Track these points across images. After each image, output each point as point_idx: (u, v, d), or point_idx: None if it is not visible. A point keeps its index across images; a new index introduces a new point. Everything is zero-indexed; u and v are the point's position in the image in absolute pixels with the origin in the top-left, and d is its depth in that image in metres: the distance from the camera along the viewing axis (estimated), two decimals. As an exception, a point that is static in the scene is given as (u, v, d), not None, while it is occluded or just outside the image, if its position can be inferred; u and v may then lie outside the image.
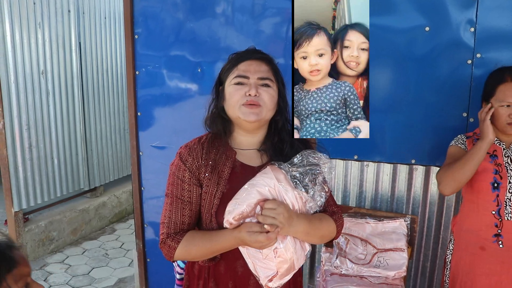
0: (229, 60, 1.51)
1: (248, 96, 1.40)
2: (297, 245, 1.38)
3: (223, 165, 1.46)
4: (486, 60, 2.26)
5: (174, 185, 1.48)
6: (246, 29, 2.63)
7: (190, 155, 1.48)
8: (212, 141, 1.50)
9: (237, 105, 1.41)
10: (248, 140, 1.51)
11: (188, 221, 1.46)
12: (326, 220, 1.48)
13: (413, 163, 2.49)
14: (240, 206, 1.32)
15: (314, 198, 1.40)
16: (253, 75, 1.42)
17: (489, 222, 1.96)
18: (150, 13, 2.81)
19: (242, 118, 1.41)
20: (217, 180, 1.43)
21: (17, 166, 4.15)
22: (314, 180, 1.39)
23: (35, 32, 4.19)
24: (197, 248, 1.41)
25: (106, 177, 5.34)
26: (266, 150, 1.50)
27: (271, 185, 1.34)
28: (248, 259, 1.39)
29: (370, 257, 2.29)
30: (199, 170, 1.45)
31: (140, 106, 2.93)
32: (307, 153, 1.42)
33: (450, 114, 2.36)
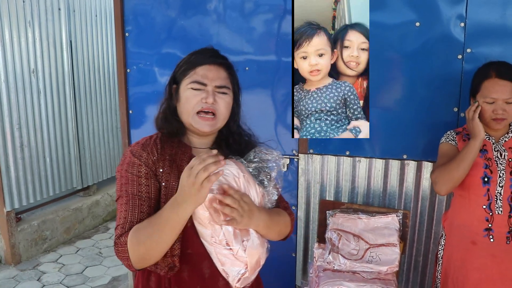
0: (186, 60, 1.44)
1: (205, 103, 1.36)
2: (260, 239, 1.37)
3: (181, 159, 1.40)
4: (476, 55, 2.27)
5: (129, 183, 1.34)
6: (238, 26, 2.63)
7: (144, 150, 1.37)
8: (164, 139, 1.44)
9: (192, 112, 1.37)
10: (201, 141, 1.47)
11: (147, 218, 1.30)
12: (282, 214, 1.48)
13: (405, 158, 2.50)
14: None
15: (269, 193, 1.40)
16: (211, 82, 1.38)
17: (480, 216, 1.97)
18: (141, 11, 2.79)
19: (194, 127, 1.39)
20: (177, 174, 1.34)
21: (8, 166, 4.12)
22: (268, 176, 1.39)
23: (25, 30, 4.15)
24: (146, 234, 1.24)
25: (99, 175, 5.32)
26: (221, 148, 1.46)
27: (234, 175, 1.32)
28: (215, 258, 1.33)
29: (363, 253, 2.30)
30: (156, 165, 1.36)
31: (131, 104, 2.92)
32: (259, 149, 1.43)
33: (441, 109, 2.37)
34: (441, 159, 2.07)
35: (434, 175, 2.02)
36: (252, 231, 1.35)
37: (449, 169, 1.95)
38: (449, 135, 2.10)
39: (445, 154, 2.06)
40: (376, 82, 2.42)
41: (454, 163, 1.93)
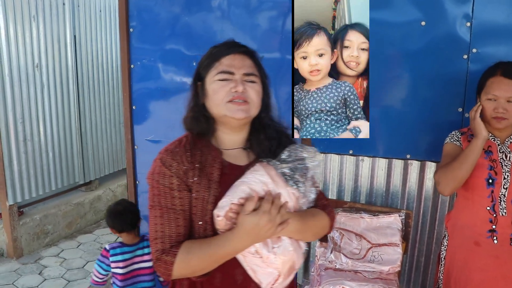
0: (208, 54, 1.41)
1: (234, 92, 1.32)
2: (293, 244, 1.32)
3: (211, 167, 1.34)
4: (482, 55, 2.26)
5: (162, 195, 1.32)
6: (242, 23, 2.62)
7: (174, 159, 1.33)
8: (194, 142, 1.39)
9: (222, 103, 1.32)
10: (232, 138, 1.42)
11: (184, 231, 1.30)
12: (319, 215, 1.41)
13: (408, 158, 2.49)
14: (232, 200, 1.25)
15: (306, 194, 1.35)
16: (238, 71, 1.34)
17: (483, 217, 1.96)
18: (145, 7, 2.79)
19: (229, 116, 1.33)
20: (208, 183, 1.31)
21: (11, 159, 4.13)
22: (304, 175, 1.33)
23: (29, 25, 4.15)
24: (197, 258, 1.26)
25: (101, 170, 5.33)
26: (252, 148, 1.43)
27: (263, 182, 1.28)
28: (247, 266, 1.31)
29: (365, 252, 2.29)
30: (187, 174, 1.32)
31: (135, 100, 2.92)
32: (294, 147, 1.36)
33: (445, 109, 2.36)
34: (445, 159, 2.06)
35: (437, 175, 2.01)
36: (284, 236, 1.30)
37: (452, 168, 1.94)
38: (454, 135, 2.09)
39: (449, 154, 2.05)
40: (380, 81, 2.41)
41: (457, 162, 1.93)
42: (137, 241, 2.64)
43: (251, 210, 1.21)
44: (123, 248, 2.58)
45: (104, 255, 2.58)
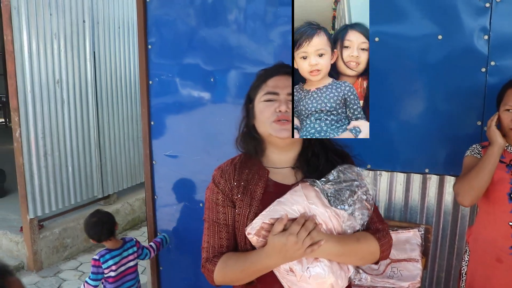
0: (257, 77, 1.48)
1: (279, 112, 1.36)
2: (334, 266, 1.30)
3: (256, 185, 1.41)
4: (500, 68, 2.24)
5: (210, 209, 1.46)
6: (259, 38, 2.64)
7: (222, 177, 1.45)
8: (244, 161, 1.47)
9: (268, 122, 1.38)
10: (281, 158, 1.46)
11: (227, 244, 1.42)
12: (365, 240, 1.37)
13: (427, 172, 2.46)
14: (264, 220, 1.28)
15: (354, 216, 1.32)
16: (283, 91, 1.39)
17: (505, 233, 1.93)
18: (163, 23, 2.84)
19: (273, 135, 1.38)
20: (250, 201, 1.39)
21: (32, 174, 4.21)
22: (352, 196, 1.32)
23: (51, 42, 4.26)
24: (232, 270, 1.37)
25: (119, 184, 5.38)
26: (300, 167, 1.45)
27: (299, 203, 1.28)
28: (284, 283, 1.33)
29: (384, 268, 2.27)
30: (232, 191, 1.42)
31: (153, 115, 2.96)
32: (343, 168, 1.37)
33: (464, 123, 2.34)
34: (465, 171, 2.04)
35: (456, 186, 2.00)
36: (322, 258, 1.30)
37: (469, 179, 1.92)
38: (475, 148, 2.07)
39: (469, 166, 2.03)
40: (398, 95, 2.40)
41: (474, 172, 1.91)
42: (121, 244, 2.82)
43: (279, 231, 1.24)
44: (112, 253, 2.76)
45: (97, 265, 2.72)
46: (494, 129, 1.91)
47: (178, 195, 3.00)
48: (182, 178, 2.94)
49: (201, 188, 2.90)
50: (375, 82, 2.42)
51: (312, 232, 1.23)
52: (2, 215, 4.86)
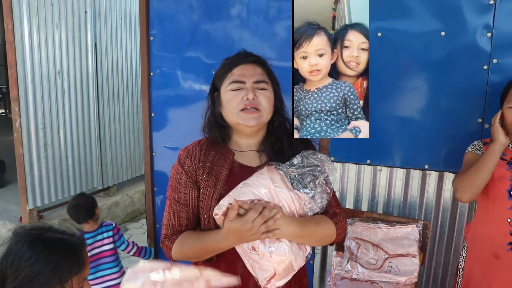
0: (222, 65, 1.51)
1: (246, 100, 1.40)
2: (293, 246, 1.37)
3: (221, 166, 1.46)
4: (502, 66, 2.24)
5: (173, 188, 1.49)
6: (261, 32, 2.64)
7: (188, 157, 1.48)
8: (211, 143, 1.51)
9: (235, 111, 1.42)
10: (247, 142, 1.51)
11: (186, 223, 1.47)
12: (324, 223, 1.44)
13: (427, 169, 2.47)
14: (230, 201, 1.32)
15: (315, 199, 1.39)
16: (249, 79, 1.42)
17: (504, 230, 1.93)
18: (166, 15, 2.83)
19: (241, 124, 1.42)
20: (215, 181, 1.43)
21: (32, 165, 4.21)
22: (314, 181, 1.38)
23: (52, 32, 4.25)
24: (189, 248, 1.42)
25: (119, 176, 5.39)
26: (265, 150, 1.50)
27: (265, 186, 1.34)
28: (246, 260, 1.38)
29: (381, 262, 2.28)
30: (197, 172, 1.46)
31: (154, 107, 2.96)
32: (307, 153, 1.41)
33: (465, 120, 2.34)
34: (465, 167, 2.04)
35: (455, 182, 2.00)
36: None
37: (469, 175, 1.92)
38: (476, 145, 2.07)
39: (469, 162, 2.03)
40: (399, 90, 2.40)
41: (474, 168, 1.92)
42: (96, 227, 2.92)
43: (233, 217, 1.29)
44: (85, 235, 2.84)
45: None
46: (497, 126, 1.90)
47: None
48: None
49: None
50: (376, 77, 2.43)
51: (269, 221, 1.28)
52: (1, 206, 4.86)
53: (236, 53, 1.53)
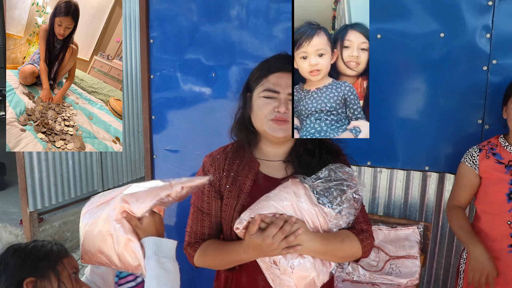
0: (259, 67, 1.45)
1: (277, 112, 1.35)
2: (316, 262, 1.32)
3: (245, 177, 1.42)
4: (502, 67, 2.24)
5: (196, 196, 1.47)
6: (261, 34, 2.64)
7: (212, 165, 1.45)
8: (236, 151, 1.47)
9: (265, 119, 1.37)
10: (274, 151, 1.46)
11: (208, 232, 1.45)
12: (349, 240, 1.38)
13: (427, 170, 2.46)
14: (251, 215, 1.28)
15: (341, 215, 1.33)
16: (284, 90, 1.37)
17: (504, 232, 1.94)
18: (166, 17, 2.83)
19: (269, 133, 1.38)
20: (238, 192, 1.40)
21: (33, 167, 4.21)
22: (340, 196, 1.32)
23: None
24: (210, 258, 1.41)
25: (119, 179, 5.39)
26: (291, 161, 1.45)
27: (288, 200, 1.29)
28: (267, 274, 1.35)
29: (383, 264, 2.28)
30: (220, 181, 1.43)
31: (154, 110, 2.96)
32: (334, 167, 1.36)
33: (465, 121, 2.34)
34: (457, 186, 2.11)
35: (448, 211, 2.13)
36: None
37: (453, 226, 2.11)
38: (471, 155, 2.06)
39: (461, 179, 2.08)
40: (399, 91, 2.40)
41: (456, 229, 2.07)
42: None
43: (254, 231, 1.25)
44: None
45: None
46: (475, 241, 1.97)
47: (178, 190, 3.00)
48: (182, 172, 2.95)
49: (201, 183, 2.90)
50: (376, 79, 2.43)
51: (290, 236, 1.24)
52: (2, 208, 4.86)
53: (276, 55, 1.47)
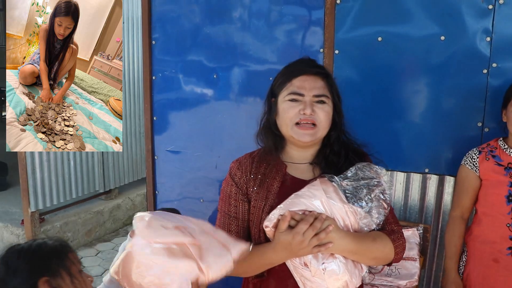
0: (282, 72, 1.45)
1: (303, 115, 1.34)
2: (349, 264, 1.29)
3: (273, 178, 1.41)
4: (502, 70, 2.25)
5: (223, 201, 1.46)
6: (262, 36, 2.65)
7: (239, 169, 1.44)
8: (263, 155, 1.46)
9: (290, 124, 1.36)
10: (301, 154, 1.46)
11: (236, 236, 1.41)
12: (381, 240, 1.35)
13: (427, 172, 2.47)
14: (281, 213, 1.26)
15: (371, 214, 1.30)
16: (309, 92, 1.36)
17: (503, 234, 1.94)
18: (168, 19, 2.85)
19: (295, 138, 1.37)
20: (266, 194, 1.38)
21: (34, 167, 4.23)
22: (369, 194, 1.30)
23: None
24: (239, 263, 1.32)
25: (121, 179, 5.40)
26: (318, 163, 1.45)
27: (317, 197, 1.27)
28: (297, 277, 1.32)
29: (382, 266, 2.28)
30: (247, 184, 1.42)
31: (156, 111, 2.97)
32: (361, 165, 1.35)
33: (464, 124, 2.35)
34: (459, 189, 2.12)
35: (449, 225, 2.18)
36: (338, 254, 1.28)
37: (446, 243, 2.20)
38: (470, 157, 2.06)
39: (462, 182, 2.09)
40: (400, 95, 2.41)
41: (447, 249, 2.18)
42: None
43: (284, 228, 1.23)
44: None
45: None
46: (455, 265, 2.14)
47: (179, 191, 3.02)
48: (183, 173, 2.96)
49: (202, 184, 2.91)
50: (377, 81, 2.45)
51: (321, 233, 1.21)
52: (3, 208, 4.88)
53: (298, 60, 1.47)
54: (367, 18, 2.40)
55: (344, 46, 2.46)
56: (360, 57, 2.45)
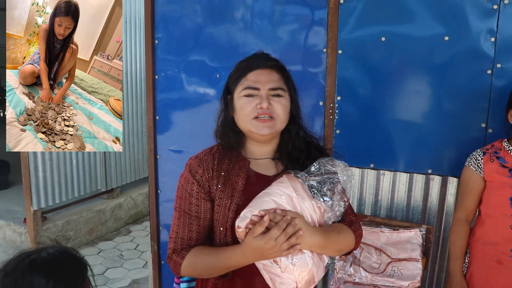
0: (236, 68, 1.43)
1: (260, 109, 1.33)
2: (315, 257, 1.32)
3: (237, 176, 1.38)
4: (506, 70, 2.24)
5: (182, 199, 1.40)
6: (265, 35, 2.65)
7: (200, 166, 1.39)
8: (223, 151, 1.43)
9: (248, 119, 1.35)
10: (261, 149, 1.44)
11: (196, 236, 1.37)
12: (344, 232, 1.40)
13: (430, 173, 2.46)
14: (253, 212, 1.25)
15: (333, 208, 1.33)
16: (264, 86, 1.35)
17: (507, 236, 1.93)
18: (170, 18, 2.84)
19: (254, 132, 1.35)
20: (231, 192, 1.35)
21: (37, 166, 4.23)
22: (332, 189, 1.32)
23: (58, 35, 4.27)
24: (203, 265, 1.33)
25: (123, 179, 5.40)
26: (281, 158, 1.44)
27: (287, 195, 1.28)
28: (266, 275, 1.32)
29: (384, 266, 2.28)
30: (210, 182, 1.37)
31: (158, 110, 2.97)
32: (324, 161, 1.36)
33: (468, 124, 2.34)
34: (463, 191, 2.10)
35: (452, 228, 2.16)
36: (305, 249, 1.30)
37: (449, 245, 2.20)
38: (475, 158, 2.05)
39: (467, 184, 2.07)
40: (403, 95, 2.41)
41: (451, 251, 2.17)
42: None
43: (259, 233, 1.21)
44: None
45: None
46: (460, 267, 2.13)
47: (181, 190, 3.01)
48: (185, 173, 2.96)
49: (204, 184, 2.90)
50: (380, 81, 2.44)
51: (291, 238, 1.22)
52: (6, 207, 4.89)
53: (252, 54, 1.45)
54: (370, 18, 2.39)
55: (348, 46, 2.45)
56: (363, 57, 2.44)
